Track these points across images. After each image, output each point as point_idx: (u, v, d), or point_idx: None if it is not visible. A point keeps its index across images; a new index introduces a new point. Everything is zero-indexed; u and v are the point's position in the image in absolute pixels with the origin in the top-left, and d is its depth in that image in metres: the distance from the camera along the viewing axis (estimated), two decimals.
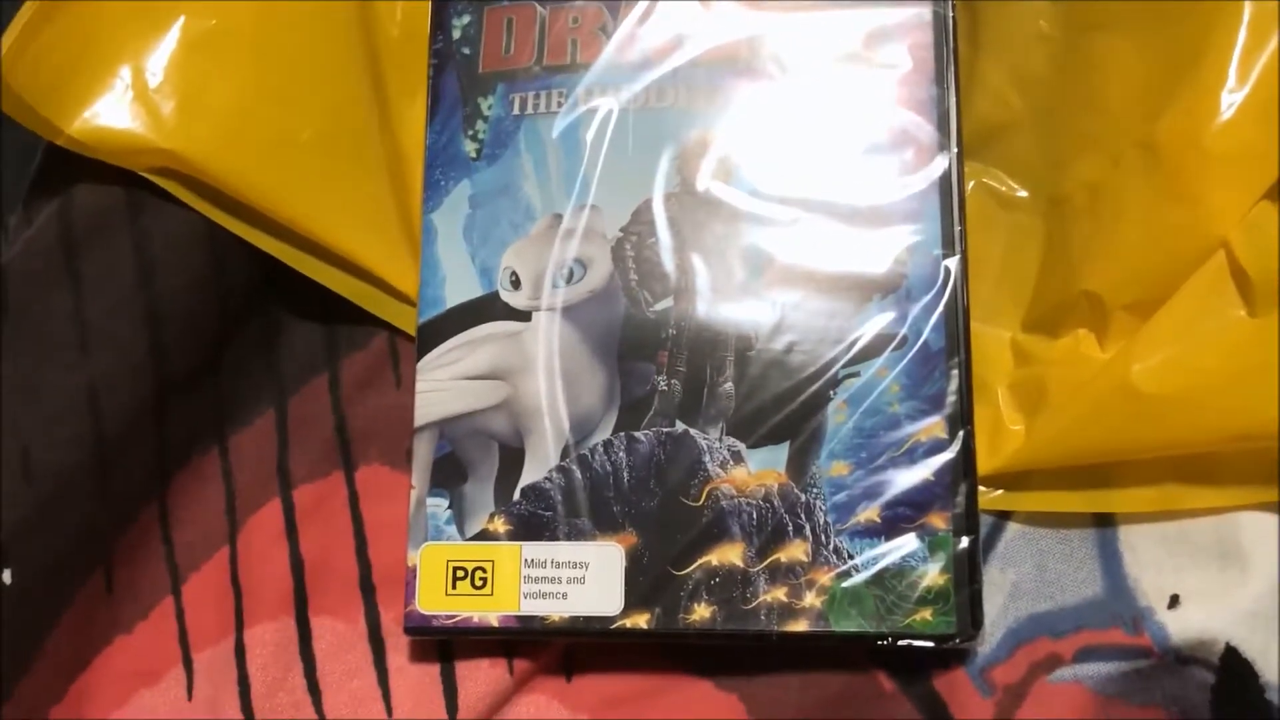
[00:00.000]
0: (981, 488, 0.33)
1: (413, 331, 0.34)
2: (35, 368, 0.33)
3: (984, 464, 0.32)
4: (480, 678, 0.32)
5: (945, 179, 0.32)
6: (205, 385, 0.35)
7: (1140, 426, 0.30)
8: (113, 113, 0.33)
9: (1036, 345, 0.34)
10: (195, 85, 0.33)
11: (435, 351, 0.33)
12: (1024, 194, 0.35)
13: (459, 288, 0.33)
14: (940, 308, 0.32)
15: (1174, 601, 0.32)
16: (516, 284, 0.33)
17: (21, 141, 0.34)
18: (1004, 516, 0.33)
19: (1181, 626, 0.31)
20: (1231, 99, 0.30)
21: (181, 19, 0.34)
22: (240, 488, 0.35)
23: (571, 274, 0.33)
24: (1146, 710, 0.31)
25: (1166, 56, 0.31)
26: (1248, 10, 0.30)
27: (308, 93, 0.35)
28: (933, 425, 0.31)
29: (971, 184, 0.35)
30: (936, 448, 0.31)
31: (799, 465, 0.31)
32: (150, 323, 0.33)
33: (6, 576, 0.32)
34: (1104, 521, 0.33)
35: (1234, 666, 0.31)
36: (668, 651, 0.33)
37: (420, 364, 0.33)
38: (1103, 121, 0.33)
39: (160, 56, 0.33)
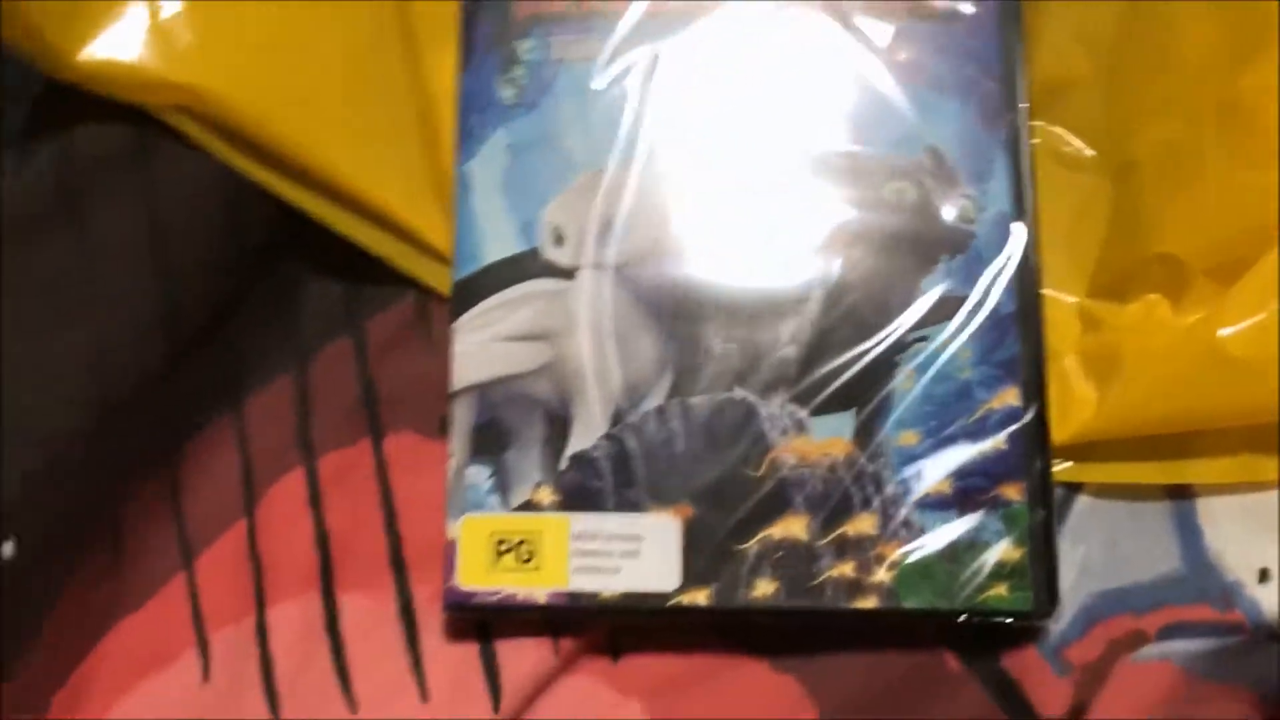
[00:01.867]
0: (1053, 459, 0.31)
1: (444, 290, 0.32)
2: (35, 326, 0.30)
3: (1054, 434, 0.31)
4: (524, 658, 0.30)
5: (1012, 136, 0.31)
6: (218, 346, 0.33)
7: (1226, 393, 0.29)
8: (125, 43, 0.30)
9: (1106, 311, 0.32)
10: (216, 16, 0.31)
11: (472, 311, 0.31)
12: (1091, 154, 0.34)
13: (497, 243, 0.31)
14: (1011, 270, 0.30)
15: (1264, 576, 0.30)
16: (560, 240, 0.31)
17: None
18: (1073, 489, 0.32)
19: (1275, 601, 0.30)
20: None
21: None
22: (258, 456, 0.33)
23: (613, 227, 0.31)
24: (1234, 691, 0.30)
25: (1240, 11, 0.30)
26: None
27: (334, 34, 0.32)
28: (1006, 393, 0.30)
29: (1035, 142, 0.34)
30: (1010, 416, 0.30)
31: (866, 434, 0.30)
32: (160, 277, 0.31)
33: (7, 549, 0.29)
34: (1179, 494, 0.31)
35: None
36: (720, 630, 0.31)
37: (456, 324, 0.31)
38: (1177, 80, 0.31)
39: None
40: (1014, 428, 0.30)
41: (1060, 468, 0.31)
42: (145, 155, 0.31)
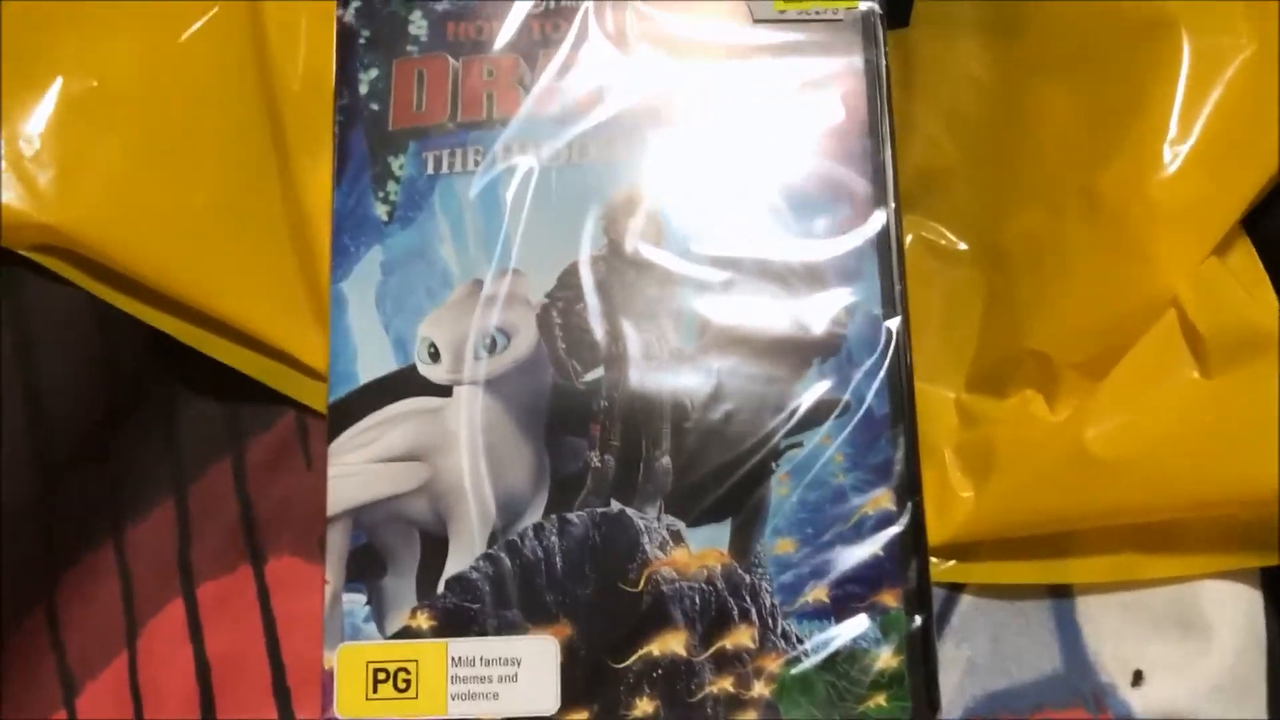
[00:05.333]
0: (932, 559, 0.31)
1: (323, 409, 0.32)
2: None
3: (933, 533, 0.31)
4: None
5: (883, 236, 0.31)
6: (94, 473, 0.32)
7: (1096, 493, 0.29)
8: None
9: (982, 405, 0.32)
10: (75, 153, 0.31)
11: (348, 432, 0.31)
12: (964, 246, 0.34)
13: (372, 362, 0.31)
14: (883, 371, 0.30)
15: (1138, 678, 0.30)
16: (435, 356, 0.31)
17: None
18: (956, 589, 0.32)
19: (1146, 704, 0.30)
20: (1176, 150, 0.29)
21: (59, 81, 0.31)
22: (139, 585, 0.32)
23: (494, 343, 0.31)
24: None
25: (1106, 103, 0.30)
26: (1187, 59, 0.29)
27: (201, 155, 0.32)
28: (880, 496, 0.30)
29: (910, 238, 0.34)
30: (885, 520, 0.30)
31: (742, 544, 0.30)
32: (30, 407, 0.30)
33: None
34: (1060, 592, 0.31)
35: None
36: None
37: (332, 447, 0.31)
38: (1042, 170, 0.32)
39: (36, 123, 0.31)
40: (889, 532, 0.29)
41: (943, 567, 0.31)
42: (14, 288, 0.31)
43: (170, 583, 0.32)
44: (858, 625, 0.29)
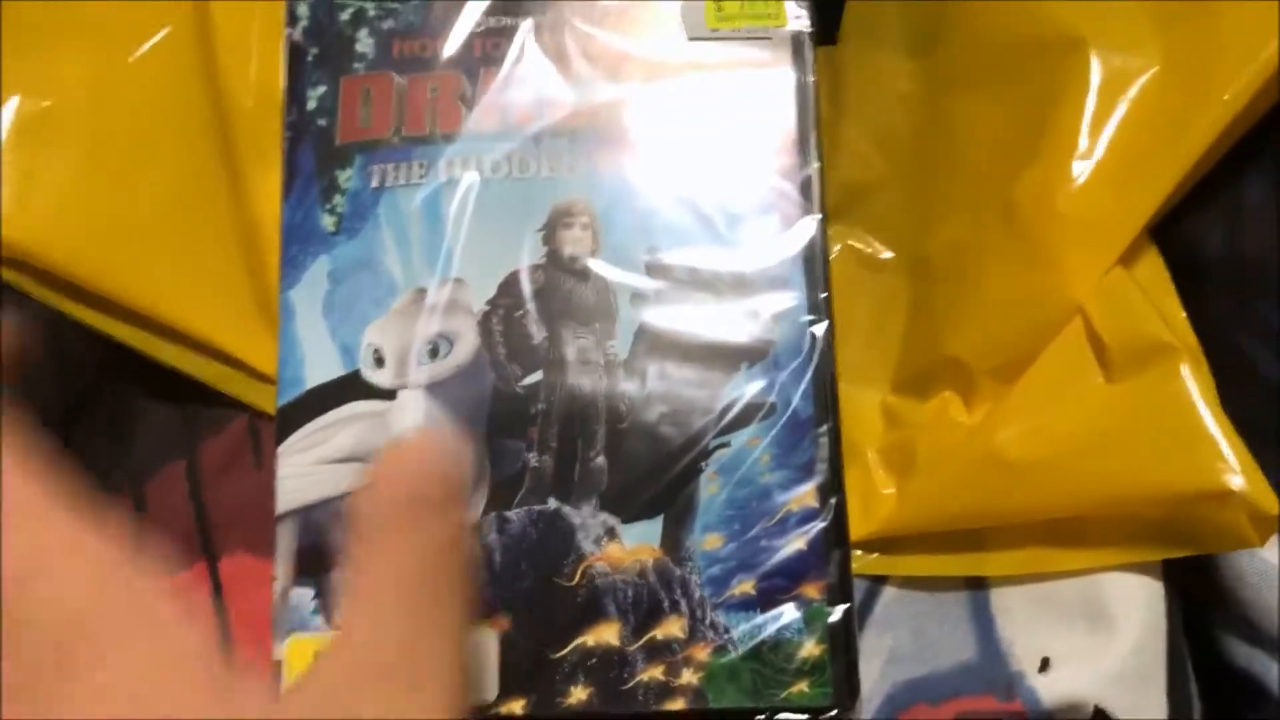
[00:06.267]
0: (857, 551, 0.33)
1: (273, 412, 0.33)
2: None
3: (858, 528, 0.32)
4: None
5: (810, 246, 0.33)
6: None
7: (1007, 493, 0.30)
8: None
9: (906, 408, 0.34)
10: (27, 170, 0.32)
11: (296, 435, 0.32)
12: (889, 255, 0.35)
13: (320, 367, 0.32)
14: (808, 375, 0.32)
15: (1044, 665, 0.31)
16: (380, 362, 0.32)
17: None
18: (879, 581, 0.33)
19: (1052, 690, 0.31)
20: (1084, 164, 0.30)
21: (13, 101, 0.32)
22: None
23: (436, 349, 0.32)
24: None
25: (1021, 117, 0.32)
26: (1095, 76, 0.31)
27: (151, 169, 0.33)
28: (804, 494, 0.31)
29: (838, 247, 0.36)
30: (808, 517, 0.31)
31: (673, 539, 0.31)
32: None
33: None
34: (977, 584, 0.33)
35: None
36: None
37: (281, 449, 0.32)
38: (964, 182, 0.33)
39: None
40: (812, 528, 0.31)
41: (866, 560, 0.33)
42: None
43: None
44: (783, 616, 0.30)
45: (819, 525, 0.31)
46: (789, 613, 0.30)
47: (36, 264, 0.32)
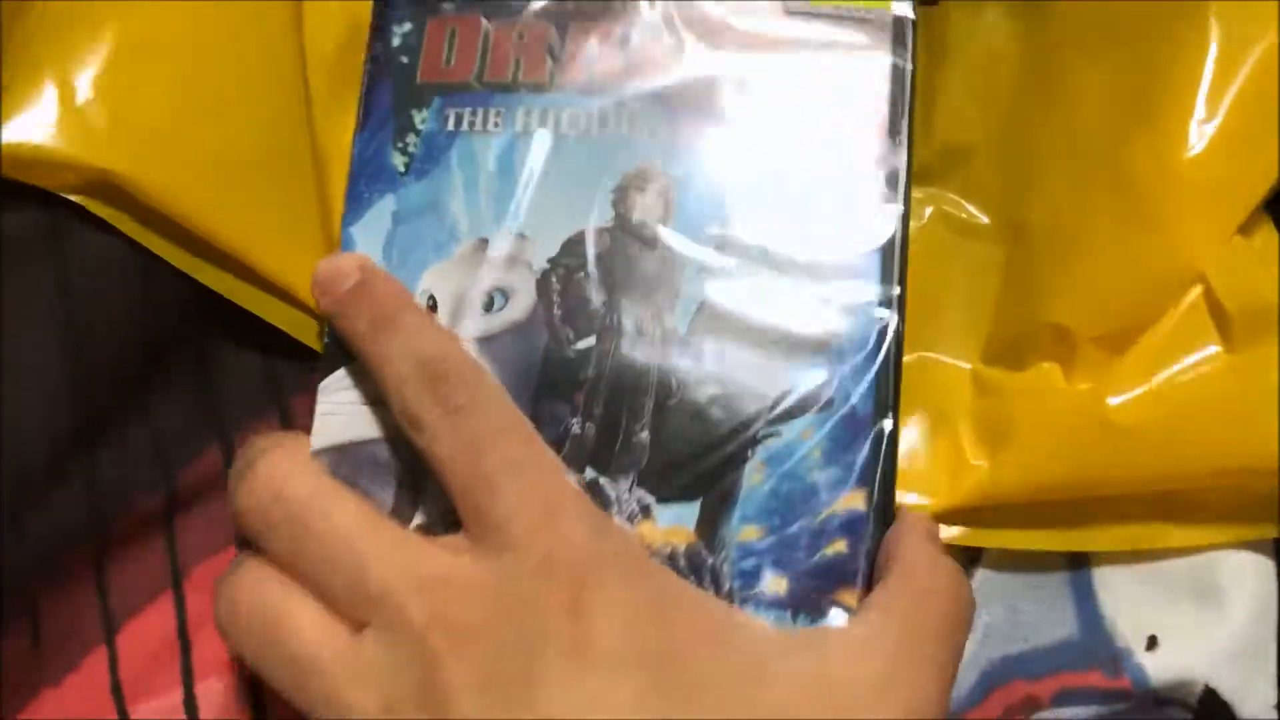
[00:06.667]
0: (942, 525, 0.32)
1: None
2: None
3: (944, 499, 0.31)
4: None
5: (891, 239, 0.31)
6: (137, 422, 0.33)
7: (1116, 460, 0.30)
8: (39, 129, 0.31)
9: (999, 377, 0.33)
10: (125, 99, 0.31)
11: (339, 372, 0.31)
12: (985, 220, 0.34)
13: None
14: (872, 371, 0.30)
15: (1152, 643, 0.31)
16: (433, 308, 0.32)
17: None
18: (973, 560, 0.32)
19: (1160, 668, 0.31)
20: (1203, 130, 0.29)
21: (110, 32, 0.32)
22: (186, 531, 0.33)
23: (492, 302, 0.31)
24: None
25: (1135, 80, 0.31)
26: (1214, 41, 0.30)
27: (242, 106, 0.33)
28: (852, 496, 0.30)
29: (929, 209, 0.34)
30: (854, 520, 0.30)
31: (710, 525, 0.30)
32: (70, 354, 0.31)
33: None
34: (1078, 562, 0.32)
35: (1212, 708, 0.31)
36: None
37: (322, 385, 0.31)
38: (1068, 145, 0.32)
39: (88, 71, 0.31)
40: (856, 532, 0.29)
41: (952, 533, 0.32)
42: (58, 235, 0.31)
43: (221, 528, 0.33)
44: (812, 621, 0.29)
45: (865, 529, 0.29)
46: (820, 618, 0.29)
47: (130, 191, 0.31)
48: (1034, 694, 0.31)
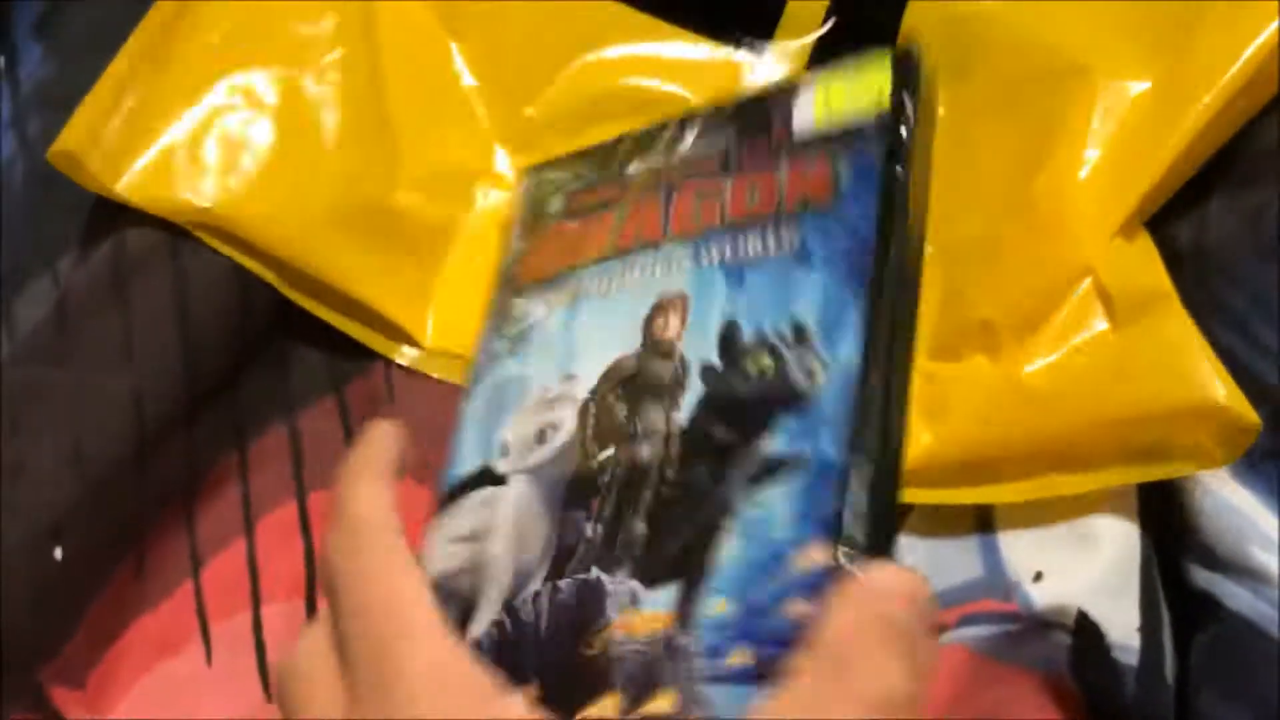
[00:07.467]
0: None
1: (411, 364, 0.44)
2: (88, 373, 0.42)
3: None
4: None
5: (872, 295, 0.29)
6: (226, 400, 0.43)
7: (1028, 419, 0.38)
8: (159, 179, 0.44)
9: (939, 368, 0.40)
10: (228, 154, 0.44)
11: (438, 517, 0.35)
12: (930, 249, 0.32)
13: (469, 461, 0.36)
14: (845, 428, 0.28)
15: (1038, 577, 0.38)
16: (505, 452, 0.35)
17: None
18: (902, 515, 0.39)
19: (1043, 595, 0.37)
20: (1089, 160, 0.40)
21: (218, 96, 0.45)
22: (257, 490, 0.40)
23: (544, 436, 0.34)
24: (1018, 670, 0.36)
25: (1036, 127, 0.42)
26: (1098, 93, 0.41)
27: (327, 163, 0.45)
28: (817, 550, 0.26)
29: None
30: (819, 576, 0.26)
31: (686, 605, 0.28)
32: (184, 343, 0.42)
33: (58, 553, 0.39)
34: (985, 525, 0.39)
35: (1086, 629, 0.36)
36: None
37: (427, 526, 0.36)
38: (987, 184, 0.42)
39: (200, 129, 0.44)
40: (820, 589, 0.26)
41: None
42: (177, 253, 0.43)
43: (286, 489, 0.41)
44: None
45: (829, 585, 0.26)
46: None
47: (230, 230, 0.43)
48: (943, 620, 0.37)
